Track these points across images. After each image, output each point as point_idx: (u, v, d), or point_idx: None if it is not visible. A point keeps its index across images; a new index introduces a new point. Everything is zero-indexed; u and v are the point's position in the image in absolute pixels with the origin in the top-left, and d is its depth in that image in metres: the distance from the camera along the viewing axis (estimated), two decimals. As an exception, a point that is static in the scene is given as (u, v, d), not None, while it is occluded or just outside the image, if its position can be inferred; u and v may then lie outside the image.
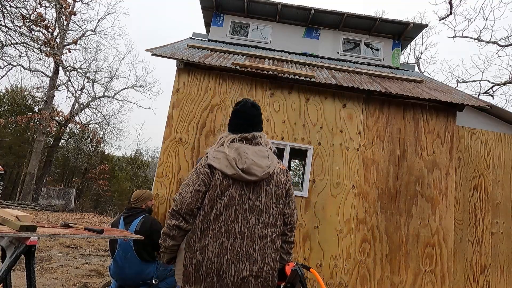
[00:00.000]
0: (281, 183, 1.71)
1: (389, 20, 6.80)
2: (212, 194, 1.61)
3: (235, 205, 1.60)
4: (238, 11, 6.90)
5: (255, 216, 1.61)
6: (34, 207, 14.32)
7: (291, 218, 1.76)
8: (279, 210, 1.68)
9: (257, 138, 1.77)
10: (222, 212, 1.59)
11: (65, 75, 18.10)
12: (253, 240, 1.59)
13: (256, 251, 1.59)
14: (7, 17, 9.38)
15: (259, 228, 1.61)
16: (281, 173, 1.74)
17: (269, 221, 1.64)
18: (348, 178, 4.27)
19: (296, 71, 4.57)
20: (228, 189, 1.61)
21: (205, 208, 1.61)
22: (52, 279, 4.40)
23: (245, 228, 1.59)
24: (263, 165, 1.65)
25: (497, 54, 21.89)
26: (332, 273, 4.01)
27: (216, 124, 4.29)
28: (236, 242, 1.57)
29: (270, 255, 1.63)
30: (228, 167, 1.62)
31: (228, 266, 1.54)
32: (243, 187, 1.62)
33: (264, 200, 1.64)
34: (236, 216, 1.59)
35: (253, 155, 1.67)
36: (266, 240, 1.62)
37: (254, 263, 1.57)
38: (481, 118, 4.90)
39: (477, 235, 4.52)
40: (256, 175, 1.61)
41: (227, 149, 1.67)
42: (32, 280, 2.17)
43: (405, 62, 17.52)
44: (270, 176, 1.67)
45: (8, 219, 2.17)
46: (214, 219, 1.59)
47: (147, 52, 4.55)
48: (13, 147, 22.69)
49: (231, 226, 1.58)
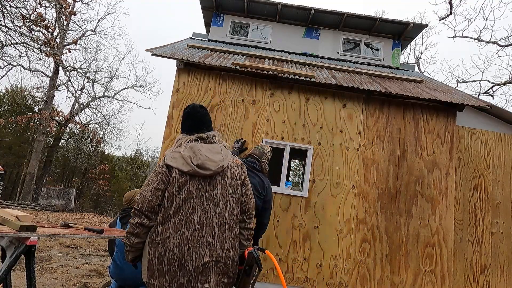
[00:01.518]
0: (236, 175, 1.87)
1: (389, 20, 6.80)
2: (170, 190, 1.74)
3: (193, 198, 1.73)
4: (238, 11, 6.89)
5: (213, 207, 1.75)
6: (34, 207, 14.32)
7: (248, 206, 1.92)
8: (235, 199, 1.83)
9: (211, 137, 1.93)
10: (181, 205, 1.72)
11: (65, 75, 18.10)
12: (212, 228, 1.73)
13: (215, 238, 1.72)
14: (7, 17, 9.38)
15: (216, 217, 1.75)
16: (235, 166, 1.90)
17: (226, 211, 1.78)
18: (348, 178, 4.27)
19: (296, 71, 4.57)
20: (185, 184, 1.74)
21: (165, 204, 1.73)
22: (52, 279, 4.40)
23: (203, 219, 1.72)
24: (216, 160, 1.80)
25: (497, 54, 21.88)
26: (332, 273, 4.02)
27: (216, 124, 4.29)
28: (195, 232, 1.70)
29: (229, 242, 1.77)
30: (184, 164, 1.76)
31: (189, 255, 1.67)
32: (200, 181, 1.76)
33: (220, 192, 1.79)
34: (194, 208, 1.72)
35: (207, 152, 1.82)
36: (224, 228, 1.76)
37: (214, 250, 1.71)
38: (481, 118, 4.90)
39: (477, 235, 4.52)
40: (211, 169, 1.77)
41: (183, 149, 1.82)
42: (32, 280, 2.17)
43: (405, 62, 17.52)
44: (224, 169, 1.82)
45: (8, 219, 2.17)
46: (174, 213, 1.72)
47: (147, 52, 4.55)
48: (13, 147, 22.69)
49: (190, 217, 1.71)
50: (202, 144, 1.87)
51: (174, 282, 1.65)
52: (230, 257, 1.77)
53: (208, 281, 1.69)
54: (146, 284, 1.73)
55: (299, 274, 4.00)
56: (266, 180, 3.26)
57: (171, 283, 1.66)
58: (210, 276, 1.70)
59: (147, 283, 1.72)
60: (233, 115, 4.35)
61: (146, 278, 1.72)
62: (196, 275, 1.67)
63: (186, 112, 2.01)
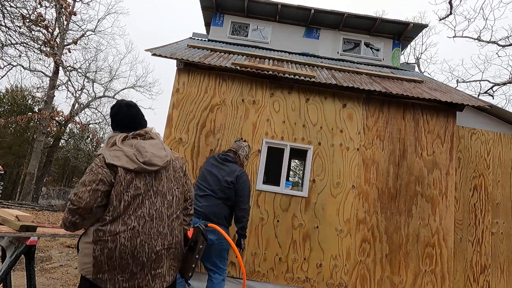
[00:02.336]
0: (178, 168, 1.97)
1: (389, 20, 6.80)
2: (118, 189, 1.75)
3: (141, 194, 1.78)
4: (238, 11, 6.89)
5: (160, 199, 1.84)
6: (34, 207, 14.31)
7: (190, 194, 2.04)
8: (180, 190, 1.95)
9: (149, 133, 1.96)
10: (130, 202, 1.76)
11: (65, 75, 18.08)
12: (162, 219, 1.82)
13: (165, 227, 1.82)
14: (7, 17, 9.38)
15: (165, 208, 1.84)
16: (176, 160, 1.99)
17: (173, 201, 1.89)
18: (348, 178, 4.27)
19: (296, 71, 4.57)
20: (132, 181, 1.78)
21: (113, 203, 1.73)
22: (52, 279, 4.40)
23: (153, 211, 1.80)
24: (162, 155, 1.87)
25: (497, 54, 21.89)
26: (332, 273, 4.01)
27: (216, 124, 4.29)
28: (146, 224, 1.76)
29: (177, 229, 1.90)
30: (129, 162, 1.77)
31: (142, 246, 1.74)
32: (146, 177, 1.82)
33: (166, 185, 1.88)
34: (143, 203, 1.78)
35: (151, 148, 1.86)
36: (173, 217, 1.87)
37: (165, 238, 1.81)
38: (481, 118, 4.90)
39: (477, 235, 4.52)
40: (158, 165, 1.83)
41: (123, 147, 1.82)
42: (32, 280, 2.17)
43: (405, 62, 17.52)
44: (168, 163, 1.91)
45: (8, 219, 2.17)
46: (124, 210, 1.74)
47: (147, 52, 4.56)
48: (13, 147, 22.69)
49: (139, 212, 1.77)
50: (144, 141, 1.88)
51: (127, 272, 1.71)
52: (179, 243, 1.90)
53: (161, 266, 1.80)
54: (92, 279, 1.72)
55: (299, 274, 4.00)
56: (238, 168, 3.21)
57: (123, 274, 1.71)
58: (162, 262, 1.81)
59: (94, 279, 1.71)
60: (233, 115, 4.35)
61: (91, 274, 1.71)
62: (149, 263, 1.76)
63: (115, 113, 1.98)
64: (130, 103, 2.02)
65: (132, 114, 1.98)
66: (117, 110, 1.98)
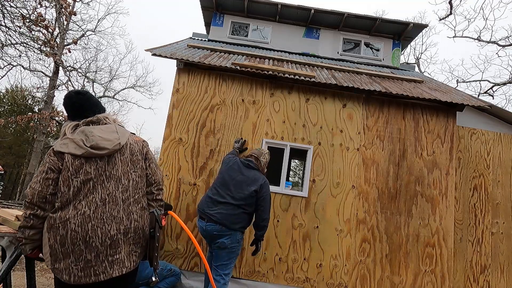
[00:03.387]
0: (136, 151, 1.90)
1: (389, 20, 6.80)
2: (65, 175, 1.73)
3: (92, 179, 1.74)
4: (238, 11, 6.89)
5: (114, 183, 1.78)
6: (34, 207, 14.30)
7: (154, 177, 1.95)
8: (137, 173, 1.87)
9: (102, 119, 1.91)
10: (80, 187, 1.72)
11: (65, 75, 18.06)
12: (116, 203, 1.75)
13: (120, 212, 1.75)
14: (7, 17, 9.38)
15: (119, 192, 1.78)
16: (135, 143, 1.93)
17: (129, 185, 1.82)
18: (348, 178, 4.27)
19: (296, 71, 4.57)
20: (81, 167, 1.74)
21: (62, 189, 1.72)
22: (52, 279, 4.40)
23: (105, 195, 1.74)
24: (112, 138, 1.82)
25: (497, 54, 21.87)
26: (332, 273, 4.02)
27: (216, 124, 4.29)
28: (98, 209, 1.71)
29: (137, 213, 1.82)
30: (76, 148, 1.75)
31: (94, 231, 1.68)
32: (98, 161, 1.77)
33: (120, 169, 1.81)
34: (95, 188, 1.74)
35: (100, 132, 1.82)
36: (129, 201, 1.80)
37: (120, 222, 1.74)
38: (481, 118, 4.90)
39: (477, 235, 4.52)
40: (107, 148, 1.78)
41: (71, 135, 1.81)
42: (32, 280, 2.17)
43: (405, 62, 17.52)
44: (123, 147, 1.85)
45: (8, 219, 2.18)
46: (74, 196, 1.72)
47: (147, 52, 4.56)
48: (13, 147, 22.69)
49: (90, 197, 1.72)
50: (94, 126, 1.86)
51: (81, 260, 1.66)
52: (140, 228, 1.82)
53: (118, 252, 1.73)
54: (51, 270, 1.70)
55: (299, 274, 4.01)
56: (261, 177, 3.22)
57: (77, 262, 1.66)
58: (120, 247, 1.74)
59: (53, 269, 1.70)
60: (233, 115, 4.35)
61: (50, 264, 1.70)
62: (104, 249, 1.70)
63: (64, 103, 1.97)
64: (79, 91, 1.96)
65: (81, 102, 1.93)
66: (66, 99, 1.95)
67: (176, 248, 3.97)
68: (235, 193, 3.09)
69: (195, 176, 4.15)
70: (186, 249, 3.98)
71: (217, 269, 3.11)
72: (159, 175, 1.99)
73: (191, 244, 3.97)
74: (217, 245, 3.03)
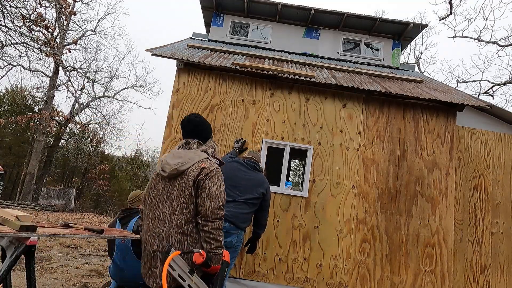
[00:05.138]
0: (190, 177, 1.99)
1: (389, 20, 6.80)
2: (149, 187, 2.17)
3: (159, 195, 2.06)
4: (238, 11, 6.89)
5: (168, 204, 2.00)
6: (34, 207, 14.31)
7: (201, 208, 1.97)
8: (185, 200, 1.97)
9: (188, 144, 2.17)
10: (152, 200, 2.09)
11: (65, 75, 18.07)
12: (164, 222, 1.97)
13: (164, 231, 1.95)
14: (7, 17, 9.38)
15: (168, 213, 1.98)
16: (195, 169, 2.02)
17: (177, 209, 1.97)
18: (348, 178, 4.27)
19: (296, 71, 4.57)
20: (157, 183, 2.11)
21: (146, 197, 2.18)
22: (52, 279, 4.40)
23: (160, 213, 2.00)
24: (171, 164, 2.03)
25: (497, 54, 21.88)
26: (332, 273, 4.01)
27: (216, 124, 4.29)
28: (154, 223, 2.01)
29: (175, 237, 1.94)
30: (158, 167, 2.13)
31: (149, 241, 2.00)
32: (166, 181, 2.06)
33: (175, 192, 2.00)
34: (158, 204, 2.04)
35: (170, 157, 2.08)
36: (172, 224, 1.95)
37: (161, 241, 1.94)
38: (481, 118, 4.90)
39: (477, 235, 4.52)
40: (165, 171, 2.03)
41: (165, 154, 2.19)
42: (32, 280, 2.17)
43: (405, 62, 17.52)
44: (184, 172, 2.01)
45: (8, 219, 2.17)
46: (148, 205, 2.11)
47: (147, 52, 4.55)
48: (13, 147, 22.68)
49: (154, 210, 2.05)
50: (173, 150, 2.17)
51: (143, 260, 2.05)
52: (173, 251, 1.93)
53: (156, 266, 1.93)
54: None
55: (299, 274, 4.00)
56: (265, 179, 3.31)
57: (142, 260, 2.07)
58: (157, 263, 1.93)
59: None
60: (233, 115, 4.35)
61: None
62: (150, 259, 1.97)
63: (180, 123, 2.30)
64: (190, 117, 2.26)
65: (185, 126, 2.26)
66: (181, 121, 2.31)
67: (176, 248, 3.97)
68: (244, 193, 3.11)
69: (195, 176, 4.15)
70: (186, 249, 3.98)
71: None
72: (208, 206, 1.93)
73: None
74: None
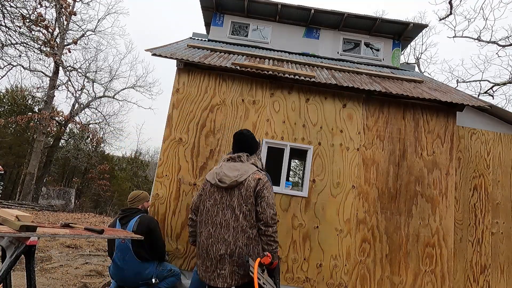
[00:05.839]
0: (250, 187, 2.29)
1: (389, 20, 6.79)
2: (203, 197, 2.40)
3: (217, 204, 2.30)
4: (238, 11, 6.89)
5: (230, 212, 2.25)
6: (34, 207, 14.31)
7: (262, 215, 2.28)
8: (248, 208, 2.26)
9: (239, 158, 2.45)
10: (209, 209, 2.32)
11: (65, 75, 18.06)
12: (228, 229, 2.23)
13: (230, 237, 2.21)
14: (7, 17, 9.38)
15: (232, 220, 2.24)
16: (252, 180, 2.32)
17: (240, 216, 2.24)
18: (348, 178, 4.27)
19: (296, 71, 4.57)
20: (213, 193, 2.34)
21: (200, 207, 2.41)
22: (52, 279, 4.40)
23: (223, 220, 2.25)
24: (231, 175, 2.30)
25: (497, 54, 21.86)
26: (332, 273, 4.01)
27: (216, 124, 4.29)
28: (216, 230, 2.25)
29: (242, 241, 2.22)
30: (212, 179, 2.38)
31: (212, 247, 2.24)
32: (222, 192, 2.32)
33: (236, 200, 2.27)
34: (217, 212, 2.28)
35: (226, 169, 2.36)
36: (238, 230, 2.22)
37: (228, 245, 2.21)
38: (481, 118, 4.90)
39: (477, 235, 4.52)
40: (225, 183, 2.29)
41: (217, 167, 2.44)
42: (32, 280, 2.17)
43: (405, 62, 17.52)
44: (241, 183, 2.29)
45: (8, 219, 2.17)
46: (205, 214, 2.33)
47: (147, 52, 4.55)
48: (13, 147, 22.68)
49: (214, 218, 2.28)
50: (228, 163, 2.42)
51: (204, 264, 2.28)
52: (243, 254, 2.20)
53: (223, 269, 2.20)
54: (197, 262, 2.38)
55: (299, 274, 4.00)
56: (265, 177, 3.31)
57: (202, 264, 2.30)
58: (225, 265, 2.20)
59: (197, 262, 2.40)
60: (233, 115, 4.35)
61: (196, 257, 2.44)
62: (216, 262, 2.21)
63: (234, 135, 2.64)
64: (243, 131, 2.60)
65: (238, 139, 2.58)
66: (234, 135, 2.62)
67: (176, 248, 3.97)
68: None
69: (195, 176, 4.15)
70: (186, 249, 3.98)
71: None
72: (268, 213, 2.28)
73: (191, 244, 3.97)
74: None
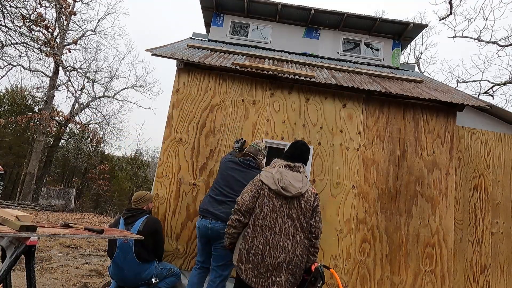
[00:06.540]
0: (310, 201, 2.35)
1: (389, 20, 6.79)
2: (261, 201, 2.33)
3: (276, 211, 2.28)
4: (238, 11, 6.89)
5: (290, 221, 2.27)
6: (34, 207, 14.31)
7: (315, 229, 2.37)
8: (306, 220, 2.33)
9: (298, 168, 2.49)
10: (268, 215, 2.28)
11: (65, 75, 18.07)
12: (288, 237, 2.24)
13: (289, 245, 2.23)
14: (7, 17, 9.38)
15: (292, 229, 2.26)
16: (311, 194, 2.38)
17: (298, 226, 2.29)
18: (348, 178, 4.27)
19: (296, 71, 4.57)
20: (272, 199, 2.31)
21: (256, 210, 2.32)
22: (52, 279, 4.40)
23: (282, 228, 2.25)
24: (296, 186, 2.32)
25: (497, 54, 21.86)
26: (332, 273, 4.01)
27: (216, 124, 4.29)
28: (276, 237, 2.23)
29: (299, 250, 2.26)
30: (272, 184, 2.34)
31: (269, 253, 2.21)
32: (282, 199, 2.30)
33: (296, 211, 2.29)
34: (277, 219, 2.27)
35: (291, 178, 2.36)
36: (297, 239, 2.26)
37: (287, 254, 2.22)
38: (481, 118, 4.90)
39: (477, 235, 4.52)
40: (291, 193, 2.29)
41: (274, 172, 2.41)
42: (32, 280, 2.17)
43: (405, 62, 17.52)
44: (302, 195, 2.32)
45: (8, 219, 2.17)
46: (262, 219, 2.28)
47: (147, 52, 4.55)
48: (13, 147, 22.68)
49: (273, 225, 2.26)
50: (288, 171, 2.42)
51: (256, 269, 2.22)
52: (299, 263, 2.26)
53: (280, 276, 2.20)
54: (235, 266, 2.30)
55: (299, 274, 4.00)
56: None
57: (253, 270, 2.22)
58: (282, 273, 2.20)
59: (236, 266, 2.30)
60: (233, 115, 4.35)
61: (236, 262, 2.30)
62: (272, 269, 2.19)
63: (292, 144, 2.73)
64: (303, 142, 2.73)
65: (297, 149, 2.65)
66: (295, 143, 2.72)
67: (176, 248, 3.97)
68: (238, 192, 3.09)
69: (195, 176, 4.15)
70: (186, 249, 3.98)
71: (217, 269, 3.10)
72: (320, 228, 2.39)
73: (191, 244, 3.97)
74: (221, 244, 3.01)
